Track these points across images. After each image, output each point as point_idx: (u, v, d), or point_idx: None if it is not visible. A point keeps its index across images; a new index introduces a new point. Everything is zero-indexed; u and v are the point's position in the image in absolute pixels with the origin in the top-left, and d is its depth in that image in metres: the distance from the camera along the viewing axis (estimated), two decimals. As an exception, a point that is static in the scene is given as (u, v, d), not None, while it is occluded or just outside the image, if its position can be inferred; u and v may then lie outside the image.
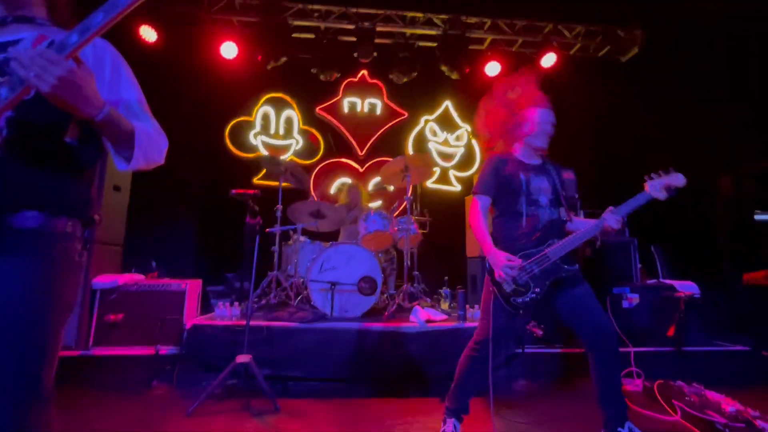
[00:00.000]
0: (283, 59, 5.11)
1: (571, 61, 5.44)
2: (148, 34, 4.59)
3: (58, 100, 0.78)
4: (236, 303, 3.17)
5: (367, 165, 5.54)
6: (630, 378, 2.82)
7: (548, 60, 5.10)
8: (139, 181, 3.52)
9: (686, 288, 3.34)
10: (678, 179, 1.80)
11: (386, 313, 3.19)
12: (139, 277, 3.06)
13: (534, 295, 1.79)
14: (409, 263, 3.64)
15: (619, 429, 1.76)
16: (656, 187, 1.81)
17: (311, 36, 5.22)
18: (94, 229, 0.99)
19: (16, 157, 0.84)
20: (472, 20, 5.19)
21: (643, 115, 4.98)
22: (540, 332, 2.98)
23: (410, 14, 5.16)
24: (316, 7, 5.04)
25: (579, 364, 2.82)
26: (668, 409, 2.32)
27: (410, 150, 5.57)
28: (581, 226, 1.94)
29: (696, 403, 2.23)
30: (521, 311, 1.81)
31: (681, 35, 4.66)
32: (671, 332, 3.15)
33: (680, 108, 4.76)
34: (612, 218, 1.83)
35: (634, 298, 3.31)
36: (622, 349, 2.93)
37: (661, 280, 3.75)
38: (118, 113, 0.91)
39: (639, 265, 3.88)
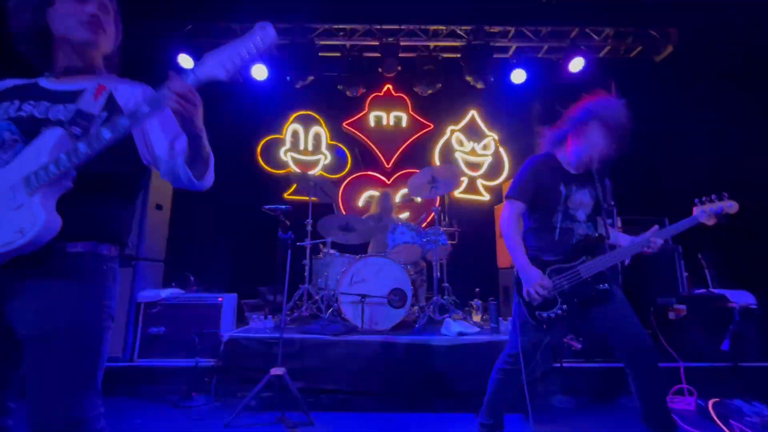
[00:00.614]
0: (311, 78, 5.29)
1: (601, 63, 5.28)
2: (186, 62, 4.89)
3: (185, 115, 0.95)
4: (270, 316, 3.25)
5: (394, 177, 5.58)
6: (681, 396, 2.64)
7: (576, 64, 4.98)
8: (179, 200, 3.72)
9: (740, 298, 3.11)
10: (730, 206, 1.71)
11: (417, 326, 3.17)
12: (178, 292, 3.21)
13: (560, 312, 1.72)
14: (438, 275, 3.61)
15: (666, 447, 1.65)
16: (705, 213, 1.72)
17: (337, 54, 5.38)
18: (124, 250, 1.12)
19: (78, 197, 0.97)
20: (496, 29, 5.17)
21: (682, 115, 4.74)
22: (578, 346, 2.85)
23: (433, 27, 5.22)
24: (341, 26, 5.20)
25: (621, 380, 2.67)
26: (726, 430, 2.15)
27: (437, 161, 5.57)
28: (621, 241, 1.87)
29: (758, 424, 2.05)
30: (546, 326, 1.75)
31: (717, 32, 4.43)
32: (725, 346, 2.92)
33: (724, 105, 4.51)
34: (655, 243, 1.74)
35: (681, 310, 3.11)
36: (670, 365, 2.76)
37: (711, 289, 3.51)
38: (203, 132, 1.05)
39: (685, 274, 3.65)
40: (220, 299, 3.11)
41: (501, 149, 5.65)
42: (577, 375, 2.82)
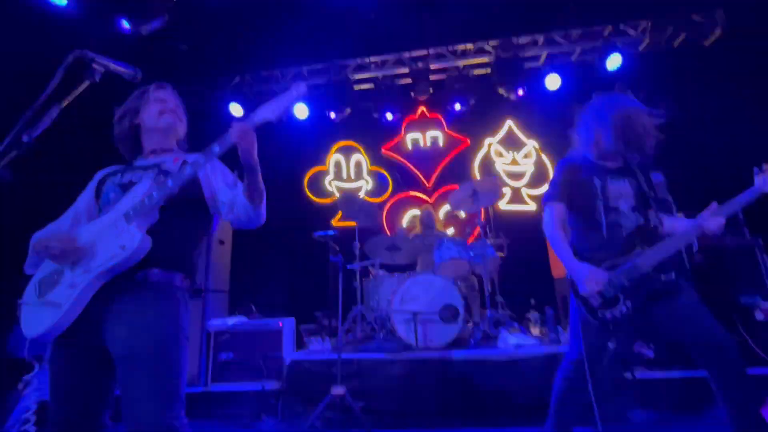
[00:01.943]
0: (348, 110, 5.60)
1: (641, 58, 5.07)
2: (236, 110, 5.42)
3: (246, 149, 1.20)
4: (327, 338, 3.37)
5: (435, 195, 5.64)
6: (781, 405, 2.34)
7: (614, 62, 4.82)
8: (238, 235, 4.05)
9: (842, 291, 2.74)
10: None
11: (472, 341, 3.12)
12: (243, 319, 3.44)
13: (625, 309, 1.61)
14: (490, 288, 3.55)
15: (764, 455, 1.46)
16: (766, 182, 1.58)
17: (371, 86, 5.67)
18: (193, 283, 1.34)
19: (160, 234, 1.21)
20: (524, 40, 5.20)
21: (740, 103, 4.38)
22: (650, 353, 2.65)
23: (460, 47, 5.36)
24: (372, 59, 5.50)
25: (707, 389, 2.43)
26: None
27: (477, 174, 5.56)
28: (678, 227, 1.75)
29: None
30: (612, 327, 1.66)
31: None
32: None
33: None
34: (712, 220, 1.59)
35: (770, 308, 2.80)
36: (763, 370, 2.47)
37: (805, 284, 3.12)
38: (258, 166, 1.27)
39: (772, 270, 3.28)
40: (280, 324, 3.29)
41: (543, 156, 5.53)
42: (656, 386, 2.60)
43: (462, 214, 5.01)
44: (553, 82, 5.10)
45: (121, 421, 1.07)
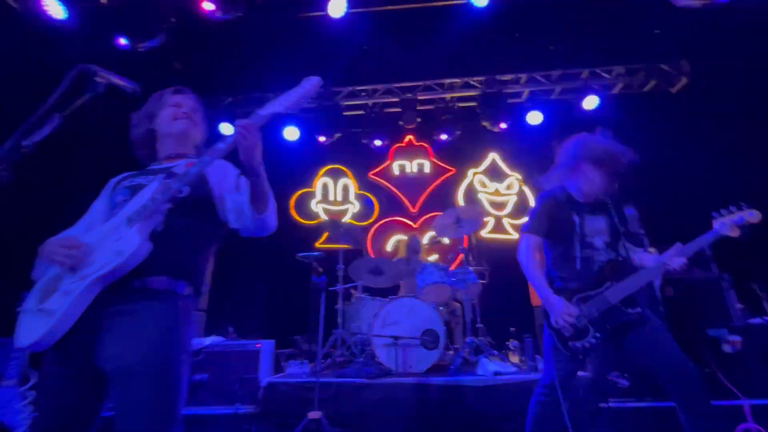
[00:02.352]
0: (337, 135, 5.74)
1: (616, 100, 5.43)
2: (227, 130, 5.48)
3: (249, 149, 1.17)
4: (306, 362, 3.31)
5: (420, 221, 5.73)
6: (749, 437, 2.40)
7: (590, 102, 5.14)
8: (220, 252, 3.99)
9: (803, 325, 2.88)
10: (751, 215, 1.69)
11: (452, 367, 3.12)
12: (220, 339, 3.35)
13: (594, 341, 1.70)
14: (471, 315, 3.58)
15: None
16: (725, 225, 1.71)
17: (361, 112, 5.85)
18: (199, 292, 1.28)
19: (164, 238, 1.17)
20: (508, 77, 5.50)
21: (706, 144, 4.70)
22: (625, 383, 2.70)
23: (448, 81, 5.62)
24: (362, 87, 5.71)
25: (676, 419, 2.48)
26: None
27: (461, 202, 5.70)
28: (646, 261, 1.85)
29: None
30: (581, 356, 1.73)
31: (729, 61, 4.51)
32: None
33: (749, 132, 4.45)
34: (675, 260, 1.71)
35: (736, 341, 2.91)
36: (732, 403, 2.54)
37: (768, 318, 3.26)
38: (263, 172, 1.25)
39: (739, 306, 3.43)
40: (258, 345, 3.22)
41: (525, 188, 5.73)
42: (628, 415, 2.64)
43: (445, 240, 5.10)
44: (534, 118, 5.37)
45: None
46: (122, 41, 3.56)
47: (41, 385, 1.14)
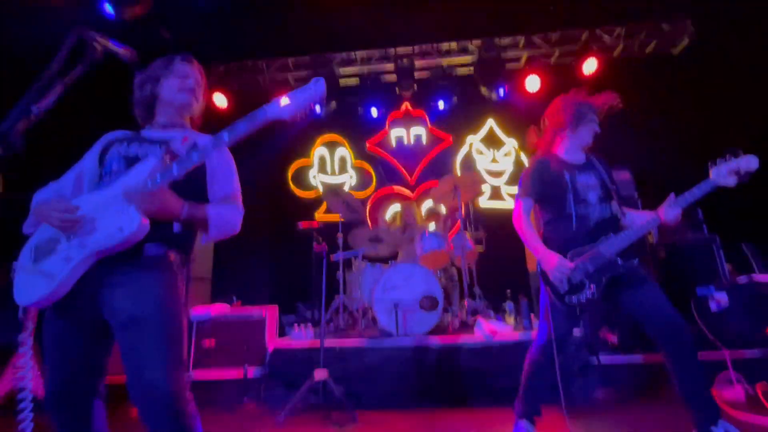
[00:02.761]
0: (333, 104, 5.65)
1: (616, 62, 5.33)
2: (220, 100, 5.38)
3: (150, 214, 1.18)
4: (309, 325, 3.43)
5: (418, 190, 5.76)
6: (728, 384, 2.56)
7: (590, 66, 5.05)
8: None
9: (787, 282, 2.99)
10: (749, 162, 1.66)
11: (450, 329, 3.25)
12: (225, 307, 3.46)
13: (590, 294, 1.75)
14: (468, 280, 3.69)
15: (713, 428, 1.59)
16: (722, 172, 1.69)
17: (356, 81, 5.73)
18: (190, 263, 1.36)
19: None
20: (506, 41, 5.36)
21: (708, 104, 4.67)
22: (614, 339, 2.84)
23: (445, 45, 5.48)
24: (358, 53, 5.56)
25: (664, 373, 2.63)
26: (777, 413, 2.09)
27: (458, 171, 5.70)
28: (637, 219, 1.88)
29: (810, 405, 1.99)
30: (579, 310, 1.80)
31: (732, 18, 4.40)
32: (771, 332, 2.81)
33: (752, 93, 4.41)
34: (670, 211, 1.73)
35: (722, 299, 3.03)
36: (715, 354, 2.69)
37: (754, 276, 3.38)
38: (195, 210, 1.28)
39: (726, 265, 3.55)
40: (263, 313, 3.33)
41: (522, 155, 5.72)
42: (617, 370, 2.79)
43: (443, 208, 5.14)
44: (532, 83, 5.29)
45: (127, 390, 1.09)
46: (108, 9, 3.44)
47: (46, 339, 1.20)
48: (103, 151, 1.35)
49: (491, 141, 5.83)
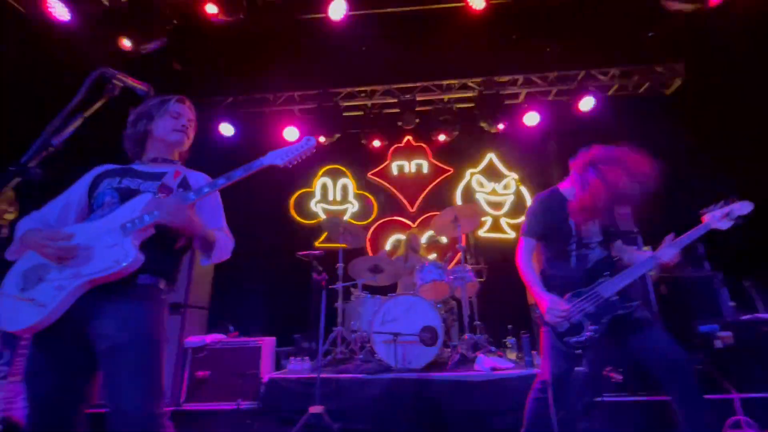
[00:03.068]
0: (337, 135, 5.79)
1: (611, 101, 5.50)
2: (226, 129, 5.52)
3: (178, 228, 1.28)
4: (307, 358, 3.36)
5: (418, 221, 5.79)
6: (738, 429, 2.47)
7: (586, 104, 5.22)
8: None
9: (793, 321, 2.95)
10: (742, 207, 1.72)
11: (450, 363, 3.17)
12: (222, 337, 3.40)
13: (590, 334, 1.74)
14: (469, 312, 3.64)
15: (720, 471, 1.56)
16: (716, 217, 1.74)
17: (360, 113, 5.91)
18: (173, 287, 1.44)
19: (151, 244, 1.28)
20: (505, 79, 5.57)
21: (700, 145, 4.78)
22: (620, 378, 2.77)
23: (446, 82, 5.69)
24: (362, 88, 5.77)
25: (670, 413, 2.54)
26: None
27: (459, 202, 5.76)
28: (637, 258, 1.90)
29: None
30: (579, 351, 1.78)
31: (724, 61, 4.59)
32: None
33: (743, 132, 4.53)
34: (667, 253, 1.75)
35: (727, 337, 2.98)
36: (724, 396, 2.61)
37: (759, 315, 3.34)
38: (208, 231, 1.39)
39: (730, 303, 3.51)
40: (259, 342, 3.27)
41: (522, 187, 5.80)
42: (622, 409, 2.71)
43: (444, 239, 5.15)
44: (531, 119, 5.45)
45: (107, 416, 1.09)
46: (125, 43, 3.61)
47: (30, 367, 1.20)
48: (94, 183, 1.40)
49: (491, 173, 5.93)
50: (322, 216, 5.81)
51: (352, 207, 5.92)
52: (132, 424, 1.08)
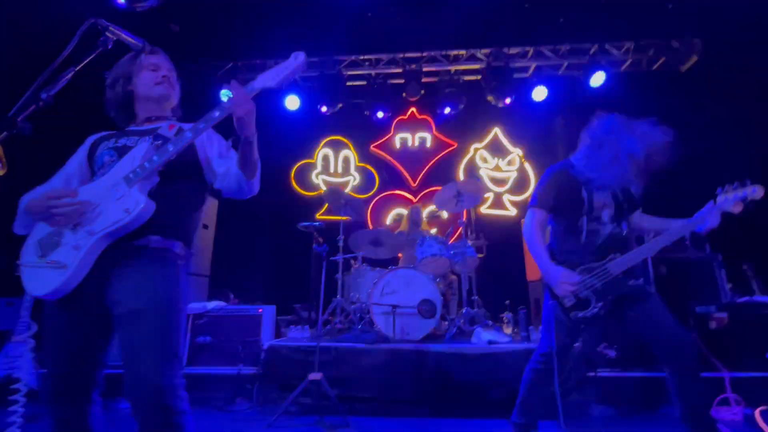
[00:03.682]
0: (339, 105, 5.65)
1: (623, 77, 5.33)
2: (227, 96, 5.38)
3: (244, 119, 1.19)
4: (306, 327, 3.41)
5: (420, 195, 5.75)
6: (726, 405, 2.54)
7: (597, 79, 5.05)
8: (222, 221, 4.04)
9: (788, 304, 2.97)
10: (754, 191, 1.69)
11: (447, 336, 3.22)
12: (222, 304, 3.44)
13: (596, 310, 1.73)
14: (467, 287, 3.67)
15: (711, 449, 1.59)
16: (728, 201, 1.71)
17: (363, 83, 5.73)
18: (190, 257, 1.36)
19: (157, 200, 1.21)
20: (515, 50, 5.37)
21: (711, 124, 4.66)
22: (612, 353, 2.81)
23: (453, 52, 5.49)
24: (366, 57, 5.57)
25: (663, 389, 2.61)
26: (775, 437, 2.07)
27: (461, 177, 5.69)
28: (668, 225, 1.82)
29: (809, 430, 1.97)
30: (582, 326, 1.78)
31: (742, 38, 4.40)
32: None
33: (755, 113, 4.42)
34: (710, 219, 1.71)
35: (722, 318, 3.01)
36: (714, 374, 2.67)
37: (755, 298, 3.37)
38: (255, 140, 1.28)
39: (728, 285, 3.53)
40: (260, 310, 3.31)
41: (526, 164, 5.72)
42: (615, 384, 2.77)
43: (445, 214, 5.13)
44: (539, 93, 5.29)
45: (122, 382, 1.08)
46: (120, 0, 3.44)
47: (48, 330, 1.20)
48: (91, 149, 1.36)
49: (496, 149, 5.83)
50: (323, 187, 5.76)
51: (354, 180, 5.86)
52: (144, 390, 1.06)
